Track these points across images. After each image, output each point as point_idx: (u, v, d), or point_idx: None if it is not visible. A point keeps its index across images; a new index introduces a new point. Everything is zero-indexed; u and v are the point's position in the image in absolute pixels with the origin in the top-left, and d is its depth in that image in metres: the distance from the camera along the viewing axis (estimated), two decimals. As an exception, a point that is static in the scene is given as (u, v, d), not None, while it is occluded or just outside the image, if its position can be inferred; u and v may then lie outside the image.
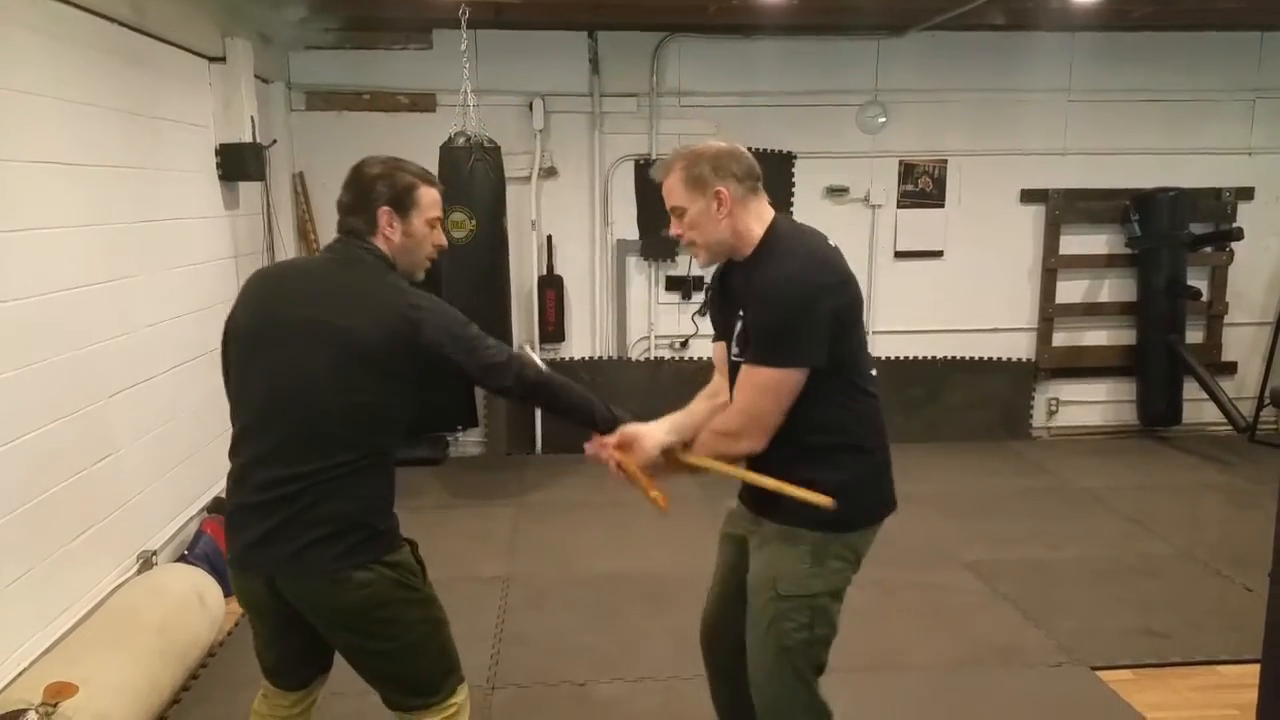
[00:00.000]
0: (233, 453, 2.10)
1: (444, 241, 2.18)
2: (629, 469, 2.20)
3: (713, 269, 2.30)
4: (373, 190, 2.06)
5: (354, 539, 1.99)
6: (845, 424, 2.11)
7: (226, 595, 3.74)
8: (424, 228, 2.11)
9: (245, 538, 2.03)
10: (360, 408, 1.98)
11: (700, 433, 2.22)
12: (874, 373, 2.19)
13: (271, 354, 2.01)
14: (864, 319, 2.19)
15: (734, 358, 2.15)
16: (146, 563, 3.66)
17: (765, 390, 2.05)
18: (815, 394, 2.05)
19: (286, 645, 2.15)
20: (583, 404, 2.25)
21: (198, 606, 3.39)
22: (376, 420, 2.02)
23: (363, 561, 1.99)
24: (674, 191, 2.14)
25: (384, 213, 2.06)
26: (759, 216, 2.14)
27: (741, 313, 2.12)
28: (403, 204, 2.07)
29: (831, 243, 2.16)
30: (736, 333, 2.14)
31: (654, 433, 2.24)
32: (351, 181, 2.11)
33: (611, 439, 2.23)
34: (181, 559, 3.91)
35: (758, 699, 2.24)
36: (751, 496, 2.26)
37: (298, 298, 2.04)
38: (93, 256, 3.40)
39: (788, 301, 2.01)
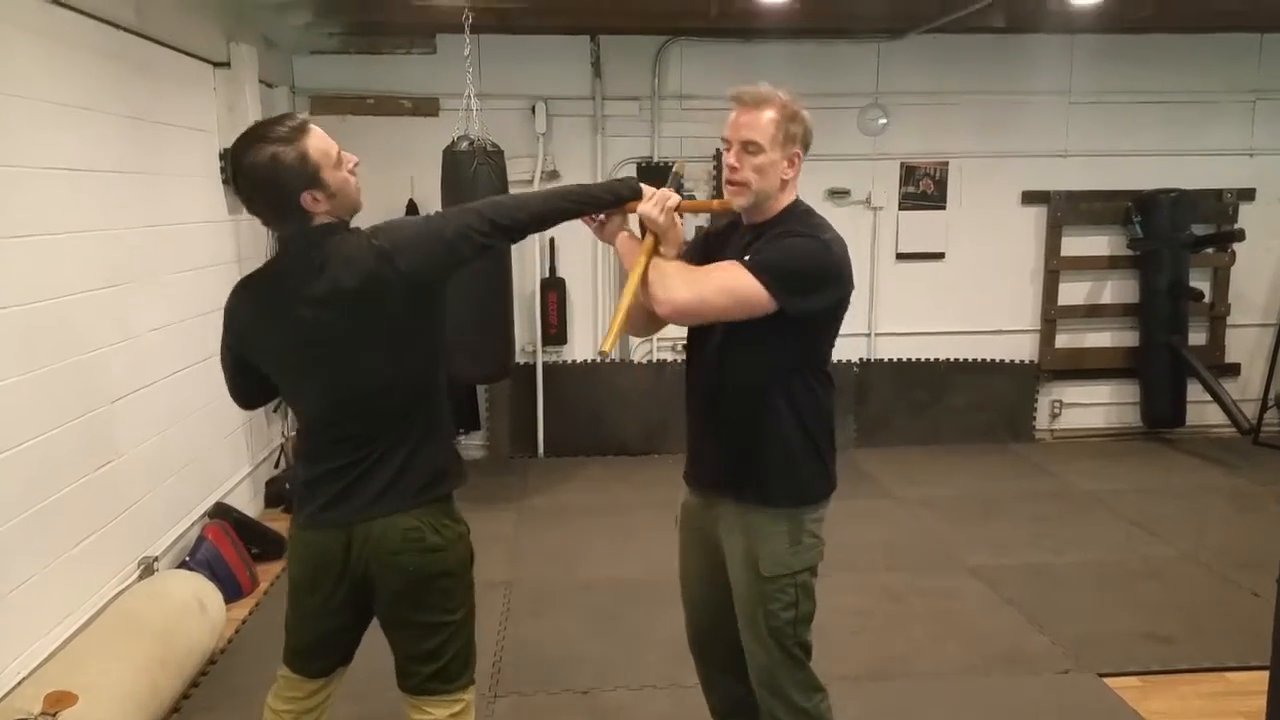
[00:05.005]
0: (303, 436, 2.17)
1: (354, 160, 2.07)
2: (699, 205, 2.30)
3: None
4: (280, 185, 1.94)
5: (433, 480, 2.07)
6: (822, 406, 2.21)
7: (228, 601, 3.74)
8: (337, 175, 1.99)
9: (321, 498, 2.06)
10: (410, 372, 2.04)
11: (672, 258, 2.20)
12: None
13: (316, 356, 2.01)
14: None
15: None
16: (148, 569, 3.65)
17: (733, 289, 2.06)
18: (808, 376, 2.17)
19: (327, 623, 2.15)
20: (585, 205, 2.24)
21: (199, 613, 3.38)
22: (428, 378, 2.09)
23: (440, 500, 2.09)
24: (758, 128, 2.10)
25: (306, 197, 1.95)
26: (794, 194, 2.21)
27: (746, 257, 2.10)
28: (313, 175, 1.95)
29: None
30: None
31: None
32: (246, 188, 1.98)
33: (661, 199, 2.21)
34: (182, 565, 3.91)
35: (757, 684, 2.26)
36: (710, 479, 2.28)
37: (301, 300, 1.98)
38: (96, 261, 3.40)
39: (811, 254, 2.10)
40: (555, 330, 6.01)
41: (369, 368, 2.00)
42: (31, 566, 2.97)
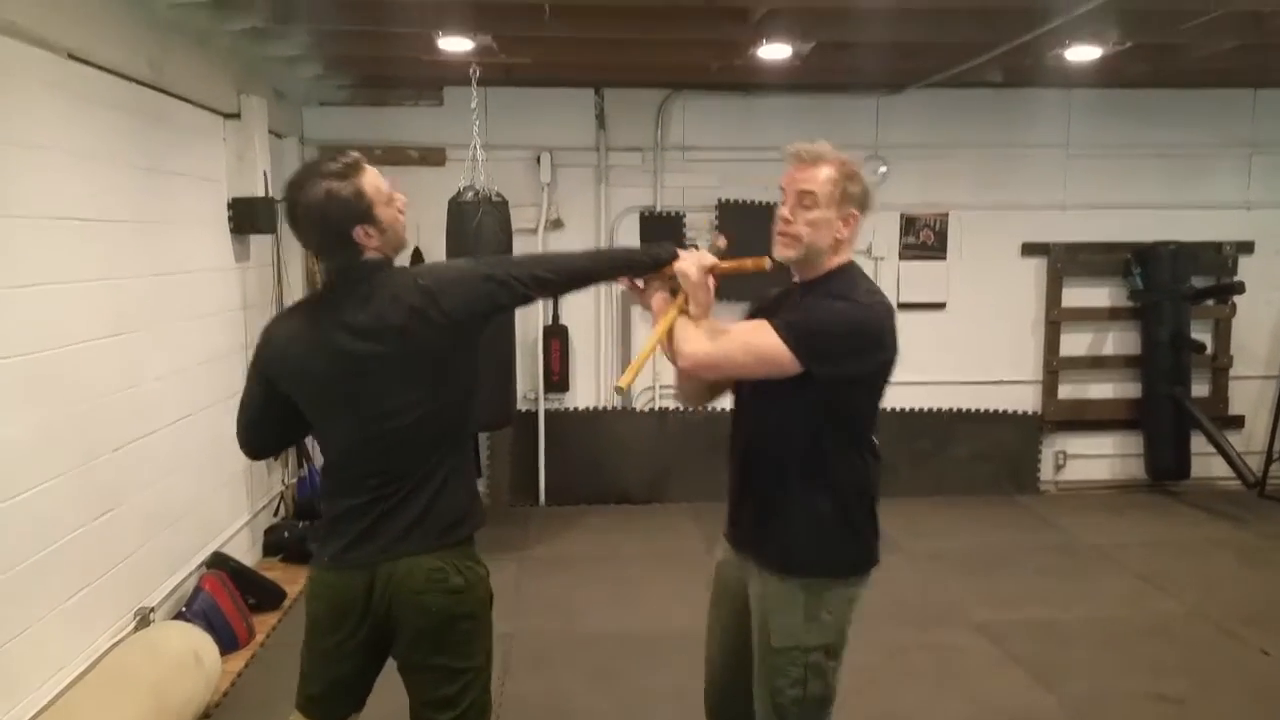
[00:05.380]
0: (326, 474, 2.19)
1: (402, 199, 2.15)
2: (732, 266, 2.25)
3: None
4: (333, 218, 2.02)
5: (458, 520, 2.10)
6: (859, 477, 2.14)
7: (224, 653, 3.70)
8: (388, 212, 2.08)
9: (345, 538, 2.09)
10: (442, 410, 2.08)
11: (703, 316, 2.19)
12: (875, 439, 2.20)
13: (350, 392, 2.06)
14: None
15: None
16: (144, 620, 3.61)
17: (756, 346, 2.06)
18: (845, 444, 2.11)
19: (344, 666, 2.15)
20: (620, 266, 2.30)
21: (194, 666, 3.33)
22: (457, 416, 2.13)
23: (465, 547, 2.11)
24: (818, 181, 2.10)
25: (359, 231, 2.03)
26: (847, 255, 2.18)
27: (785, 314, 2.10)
28: (365, 211, 2.03)
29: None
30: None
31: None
32: (303, 220, 2.05)
33: (697, 259, 2.22)
34: (179, 616, 3.86)
35: None
36: (742, 539, 2.26)
37: (341, 336, 2.04)
38: (102, 310, 3.42)
39: (841, 317, 2.06)
40: (558, 378, 6.02)
41: (404, 402, 2.04)
42: (27, 618, 2.94)
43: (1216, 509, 5.99)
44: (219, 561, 4.31)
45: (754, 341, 2.08)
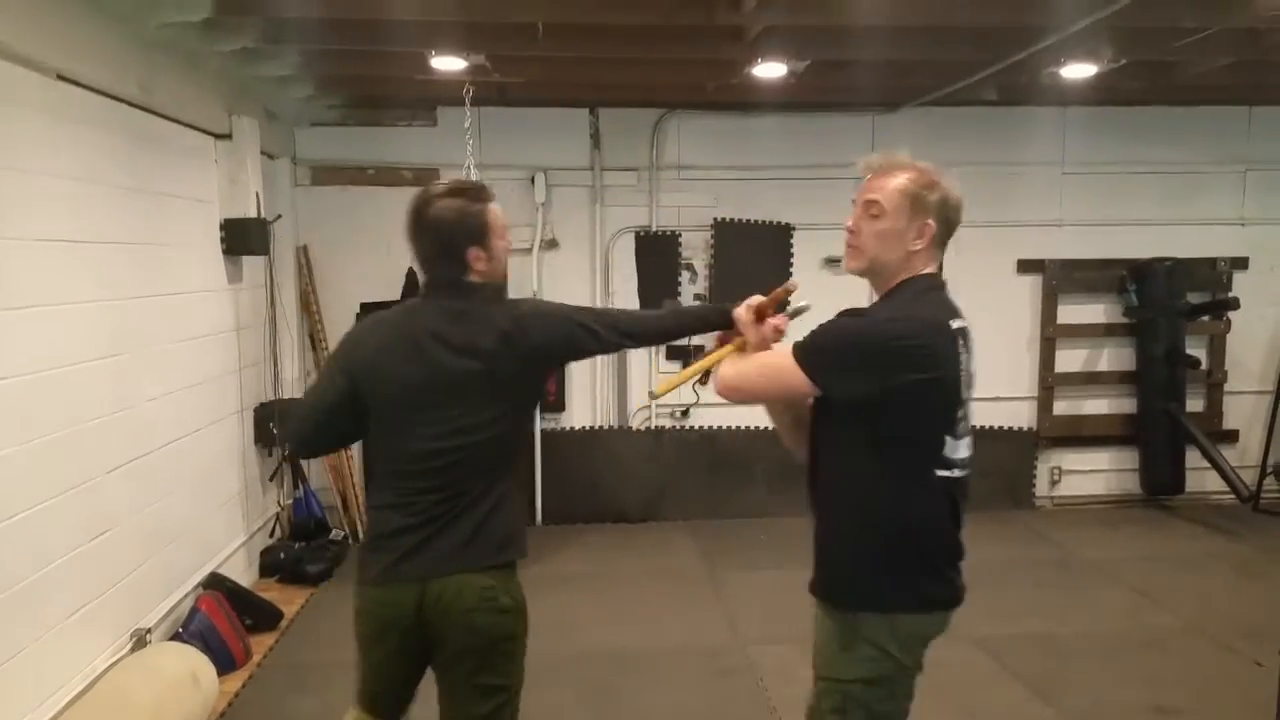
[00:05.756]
0: (385, 484, 2.24)
1: (510, 241, 2.34)
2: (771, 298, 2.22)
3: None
4: (455, 233, 2.16)
5: (505, 545, 2.19)
6: (911, 511, 2.00)
7: (221, 674, 3.68)
8: (500, 245, 2.23)
9: (396, 553, 2.16)
10: (508, 429, 2.21)
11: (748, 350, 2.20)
12: (952, 473, 2.00)
13: (436, 397, 2.15)
14: (951, 410, 1.99)
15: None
16: (140, 641, 3.60)
17: (771, 367, 2.07)
18: (894, 476, 1.99)
19: (394, 671, 2.27)
20: (690, 324, 2.40)
21: (191, 687, 3.32)
22: (519, 429, 2.30)
23: (509, 571, 2.20)
24: (885, 191, 2.01)
25: (473, 251, 2.17)
26: (922, 268, 2.05)
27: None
28: (483, 235, 2.18)
29: (957, 325, 2.00)
30: None
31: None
32: (427, 227, 2.18)
33: (746, 303, 2.22)
34: (176, 636, 3.85)
35: None
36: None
37: (436, 345, 2.15)
38: (95, 332, 3.43)
39: (851, 333, 1.99)
40: (554, 397, 6.02)
41: (478, 421, 2.15)
42: (23, 639, 2.93)
43: (1211, 523, 6.00)
44: (215, 582, 4.30)
45: (770, 363, 2.08)
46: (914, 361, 1.92)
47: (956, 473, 2.01)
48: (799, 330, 2.11)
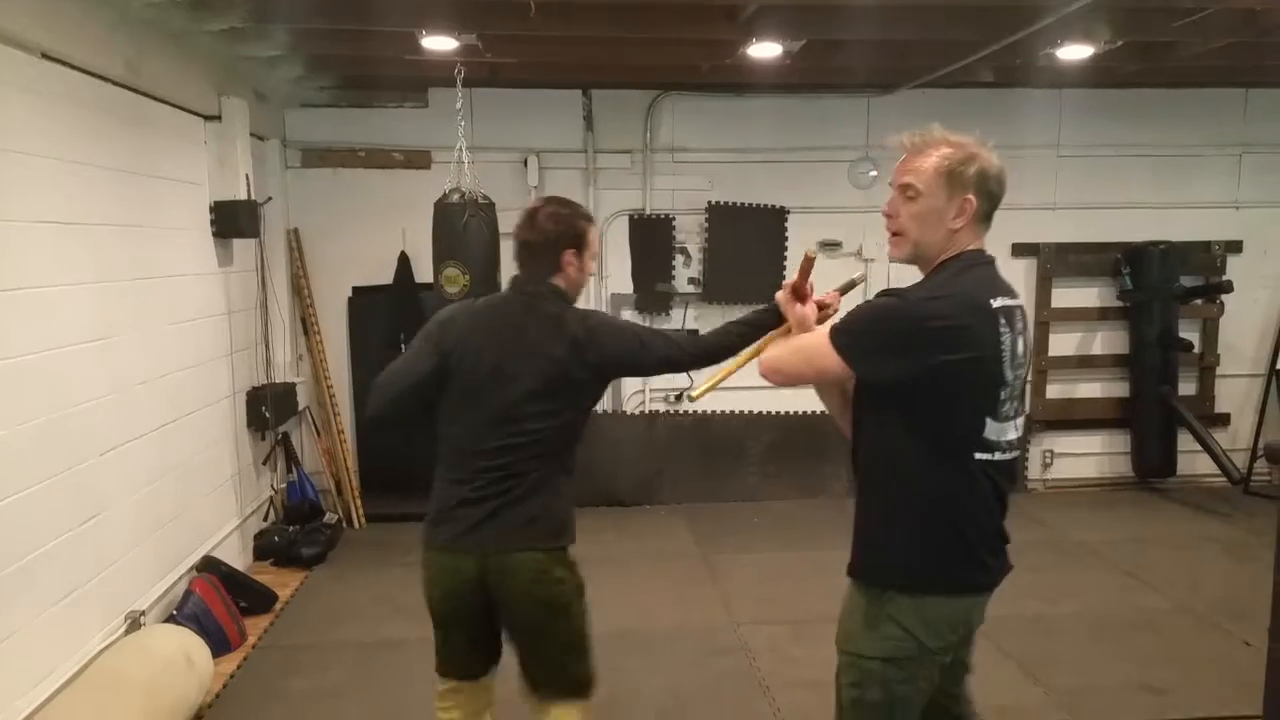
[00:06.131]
0: (451, 460, 2.45)
1: (593, 268, 2.57)
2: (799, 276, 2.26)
3: None
4: (557, 233, 2.43)
5: (559, 529, 2.42)
6: (940, 490, 1.97)
7: (216, 656, 3.69)
8: (588, 259, 2.50)
9: (463, 524, 2.38)
10: (567, 423, 2.42)
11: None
12: (994, 455, 1.97)
13: (506, 381, 2.37)
14: (992, 392, 1.94)
15: None
16: (134, 623, 3.60)
17: (805, 348, 2.08)
18: (924, 454, 1.96)
19: (469, 634, 2.48)
20: (746, 332, 2.48)
21: (185, 668, 3.33)
22: (577, 426, 2.46)
23: (562, 551, 2.43)
24: (918, 171, 1.96)
25: (567, 254, 2.43)
26: (966, 244, 2.00)
27: None
28: (580, 242, 2.45)
29: (999, 304, 1.94)
30: None
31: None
32: (534, 227, 2.45)
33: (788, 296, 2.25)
34: (170, 619, 3.85)
35: None
36: None
37: (514, 333, 2.41)
38: (85, 315, 3.41)
39: (879, 313, 1.96)
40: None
41: (544, 410, 2.37)
42: (15, 621, 2.93)
43: (1202, 505, 6.03)
44: (209, 565, 4.31)
45: (806, 344, 2.08)
46: (947, 342, 1.87)
47: (999, 456, 1.97)
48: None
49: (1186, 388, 6.39)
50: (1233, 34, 4.53)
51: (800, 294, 2.22)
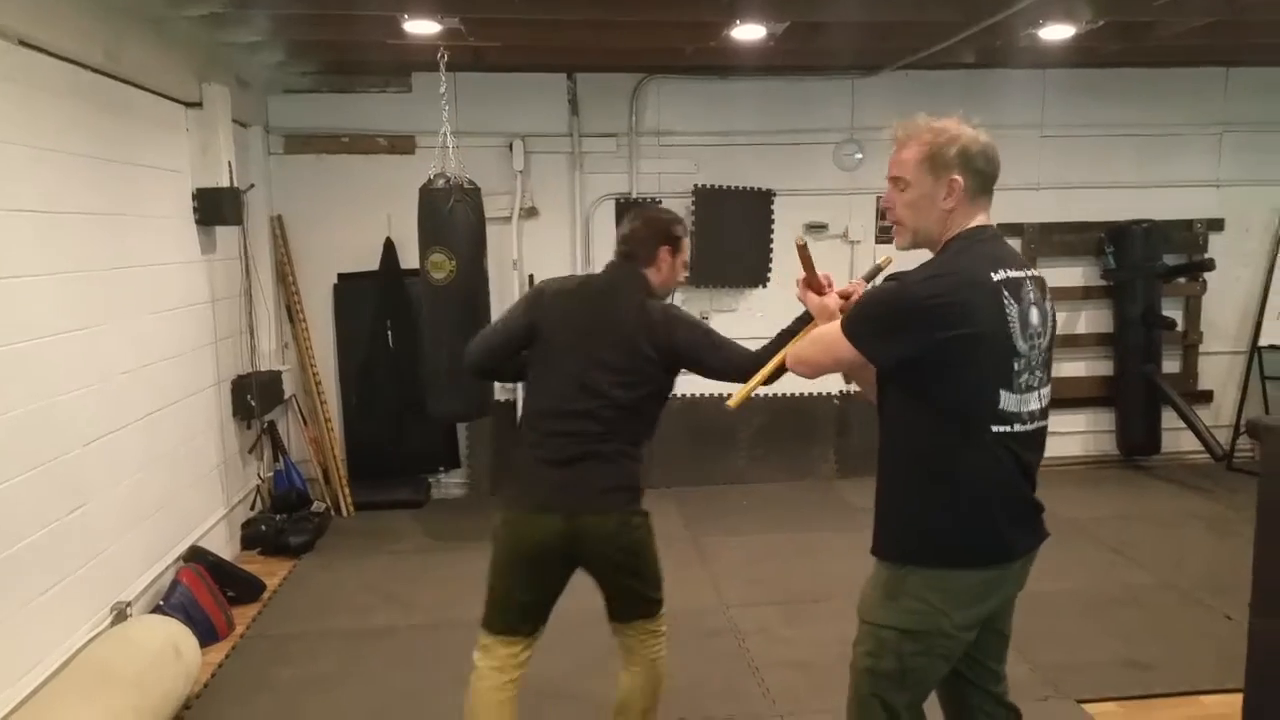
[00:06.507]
0: (532, 423, 2.66)
1: (685, 278, 2.81)
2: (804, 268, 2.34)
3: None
4: (655, 230, 2.70)
5: (636, 494, 2.62)
6: (956, 465, 2.00)
7: (203, 645, 3.68)
8: (682, 259, 2.74)
9: (546, 486, 2.57)
10: (642, 398, 2.61)
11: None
12: (1013, 427, 2.01)
13: (586, 353, 2.58)
14: (1004, 365, 1.98)
15: None
16: (120, 614, 3.59)
17: (822, 337, 2.15)
18: (938, 432, 2.01)
19: (537, 593, 2.66)
20: (786, 336, 2.57)
21: (173, 659, 3.31)
22: (652, 404, 2.66)
23: (638, 509, 2.63)
24: (904, 163, 2.05)
25: (664, 250, 2.68)
26: (966, 221, 2.04)
27: None
28: (675, 242, 2.71)
29: (1001, 276, 1.97)
30: None
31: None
32: (641, 222, 2.73)
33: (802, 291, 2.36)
34: (157, 609, 3.85)
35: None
36: None
37: (597, 309, 2.63)
38: (66, 304, 3.38)
39: (881, 298, 2.04)
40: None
41: (615, 382, 2.56)
42: (0, 613, 2.91)
43: (1186, 482, 6.09)
44: (196, 555, 4.30)
45: (823, 335, 2.15)
46: (947, 320, 1.92)
47: (1019, 428, 2.00)
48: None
49: (1170, 365, 6.44)
50: (1212, 13, 4.54)
51: (815, 286, 2.30)
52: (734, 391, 2.43)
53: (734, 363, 2.60)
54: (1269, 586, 2.38)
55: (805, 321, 2.42)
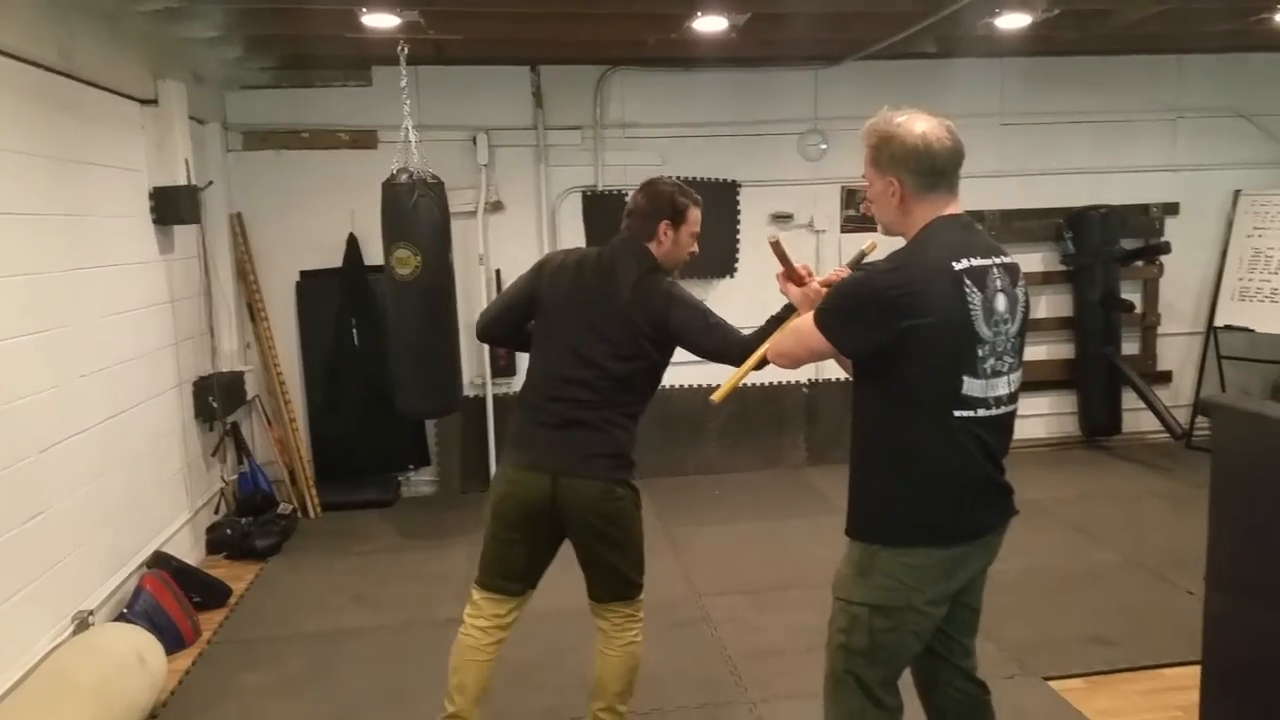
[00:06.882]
0: (531, 386, 2.74)
1: (696, 249, 2.79)
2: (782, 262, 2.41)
3: None
4: (656, 205, 2.70)
5: (621, 462, 2.67)
6: (924, 449, 2.06)
7: (169, 652, 3.63)
8: (686, 237, 2.73)
9: (538, 447, 2.66)
10: (636, 370, 2.66)
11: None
12: (976, 412, 2.04)
13: (583, 323, 2.65)
14: (967, 351, 2.01)
15: None
16: (82, 623, 3.53)
17: (797, 329, 2.22)
18: (906, 416, 2.06)
19: (525, 548, 2.73)
20: (775, 322, 2.58)
21: (138, 667, 3.26)
22: (645, 377, 2.70)
23: (623, 479, 2.68)
24: (865, 163, 2.17)
25: (663, 225, 2.69)
26: (925, 215, 2.08)
27: None
28: (678, 217, 2.70)
29: (963, 265, 2.00)
30: None
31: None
32: (642, 195, 2.74)
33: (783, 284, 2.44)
34: (120, 617, 3.78)
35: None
36: None
37: (597, 281, 2.68)
38: (20, 307, 3.30)
39: (845, 290, 2.12)
40: (505, 362, 5.97)
41: (608, 352, 2.63)
42: (-43, 626, 2.86)
43: (1147, 461, 6.20)
44: (160, 561, 4.23)
45: (798, 328, 2.21)
46: (907, 309, 1.97)
47: (981, 412, 2.05)
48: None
49: (1130, 347, 6.55)
50: (1163, 1, 4.61)
51: (795, 278, 2.37)
52: (744, 378, 2.48)
53: (727, 346, 2.61)
54: (1222, 561, 2.43)
55: (793, 308, 2.45)
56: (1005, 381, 2.10)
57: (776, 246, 2.35)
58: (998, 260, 2.09)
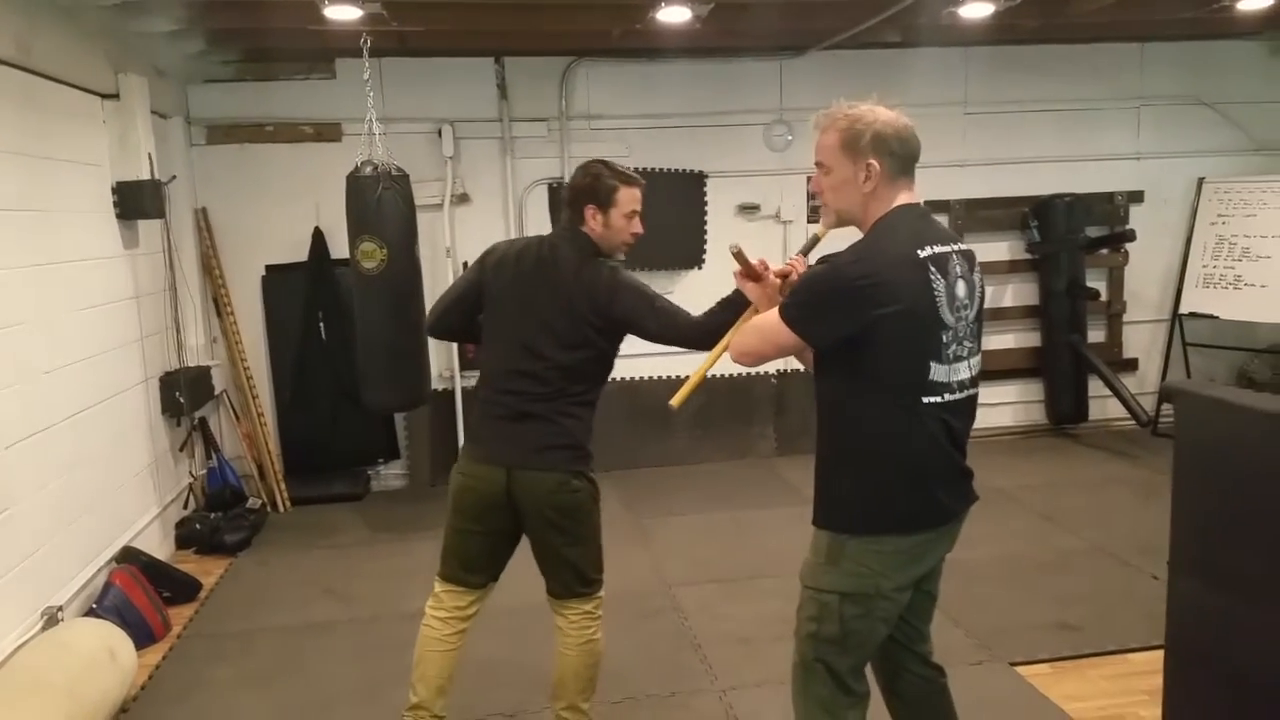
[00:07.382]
0: (484, 380, 2.75)
1: (640, 230, 2.72)
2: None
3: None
4: (579, 190, 2.67)
5: (577, 453, 2.66)
6: (890, 438, 2.07)
7: (140, 647, 3.61)
8: (618, 218, 2.66)
9: (491, 441, 2.68)
10: (584, 359, 2.64)
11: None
12: (943, 398, 2.08)
13: (528, 314, 2.64)
14: (933, 338, 2.05)
15: None
16: (51, 619, 3.50)
17: (760, 326, 2.20)
18: (873, 407, 2.07)
19: (483, 540, 2.73)
20: (730, 311, 2.54)
21: (108, 662, 3.25)
22: (595, 365, 2.68)
23: (579, 471, 2.66)
24: (824, 148, 2.13)
25: (589, 209, 2.64)
26: (890, 201, 2.10)
27: None
28: (604, 201, 2.64)
29: (927, 253, 2.03)
30: None
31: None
32: (572, 180, 2.73)
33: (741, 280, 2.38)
34: (90, 613, 3.76)
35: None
36: None
37: (538, 271, 2.66)
38: (-20, 304, 3.27)
39: (813, 282, 2.11)
40: (473, 355, 5.95)
41: (555, 344, 2.61)
42: (-81, 625, 2.83)
43: (1113, 448, 6.29)
44: (129, 556, 4.21)
45: (762, 323, 2.19)
46: (875, 298, 1.98)
47: (949, 397, 2.09)
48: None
49: (1095, 335, 6.63)
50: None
51: (753, 275, 2.32)
52: (702, 379, 2.44)
53: (675, 329, 2.60)
54: (1184, 545, 2.47)
55: (739, 295, 2.43)
56: (966, 365, 2.13)
57: (739, 256, 2.31)
58: (956, 247, 2.13)
